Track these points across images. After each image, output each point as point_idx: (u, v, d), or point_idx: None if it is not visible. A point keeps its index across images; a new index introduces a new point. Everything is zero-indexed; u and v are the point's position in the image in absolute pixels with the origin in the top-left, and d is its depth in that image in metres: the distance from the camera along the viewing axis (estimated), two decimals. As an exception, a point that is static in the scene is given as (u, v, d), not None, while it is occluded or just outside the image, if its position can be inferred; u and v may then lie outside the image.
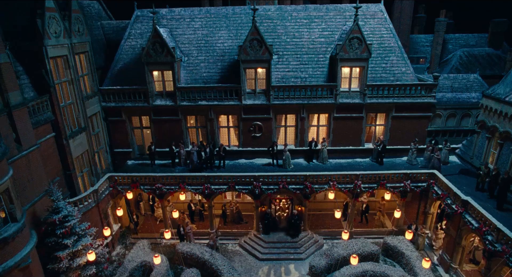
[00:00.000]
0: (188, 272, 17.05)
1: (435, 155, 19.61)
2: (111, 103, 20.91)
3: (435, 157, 19.58)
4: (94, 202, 18.09)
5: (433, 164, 19.68)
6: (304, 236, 20.24)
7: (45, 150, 16.35)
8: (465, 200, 16.41)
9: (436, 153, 19.65)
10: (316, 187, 19.17)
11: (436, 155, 19.59)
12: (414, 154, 20.63)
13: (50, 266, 14.76)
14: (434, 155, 19.64)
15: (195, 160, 20.42)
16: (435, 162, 19.61)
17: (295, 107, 20.80)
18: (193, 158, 20.44)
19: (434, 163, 19.64)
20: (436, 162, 19.60)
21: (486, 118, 19.00)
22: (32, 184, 14.84)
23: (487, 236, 14.80)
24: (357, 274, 16.76)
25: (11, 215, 12.69)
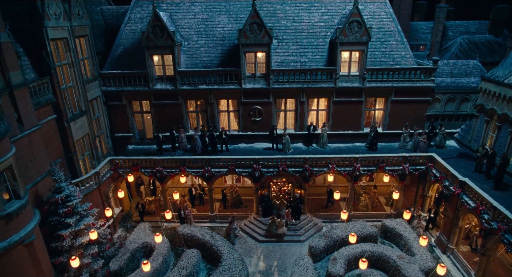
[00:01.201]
0: (189, 252, 17.32)
1: (421, 138, 19.84)
2: (112, 88, 20.99)
3: (421, 140, 19.81)
4: (95, 184, 18.28)
5: (420, 147, 19.87)
6: (304, 219, 20.47)
7: (47, 131, 16.49)
8: (463, 181, 16.59)
9: (422, 136, 19.81)
10: (315, 170, 19.35)
11: (422, 138, 19.79)
12: (406, 138, 20.78)
13: (53, 244, 15.00)
14: (420, 138, 19.83)
15: (199, 145, 20.56)
16: (421, 145, 19.83)
17: (295, 91, 20.88)
18: (196, 143, 20.58)
19: (420, 146, 19.86)
20: (422, 145, 19.88)
21: (485, 101, 19.10)
22: (34, 164, 15.02)
23: (483, 215, 15.01)
24: (355, 254, 17.01)
25: (15, 192, 12.90)
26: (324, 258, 18.11)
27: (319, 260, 17.92)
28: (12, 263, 12.65)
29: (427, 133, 20.68)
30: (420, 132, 20.29)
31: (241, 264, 16.61)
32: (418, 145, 20.04)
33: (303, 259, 16.79)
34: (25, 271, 13.16)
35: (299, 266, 16.22)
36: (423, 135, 19.97)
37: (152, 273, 16.23)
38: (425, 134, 20.13)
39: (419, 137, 20.05)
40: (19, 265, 12.91)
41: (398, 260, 16.40)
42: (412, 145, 20.56)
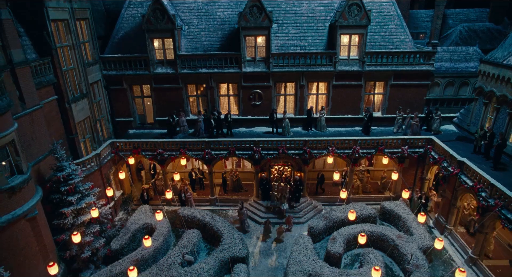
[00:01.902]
0: (189, 232, 17.50)
1: (413, 121, 20.00)
2: (112, 72, 21.07)
3: (413, 123, 19.99)
4: (96, 165, 18.43)
5: (413, 130, 20.03)
6: (304, 201, 20.65)
7: (48, 112, 16.61)
8: (461, 161, 16.74)
9: (414, 119, 19.96)
10: (315, 153, 19.49)
11: (414, 121, 19.95)
12: (399, 122, 20.87)
13: (55, 222, 15.18)
14: (412, 121, 19.96)
15: (202, 129, 20.66)
16: (414, 128, 19.98)
17: (295, 74, 20.97)
18: (200, 127, 20.68)
19: (414, 129, 20.02)
20: (415, 128, 20.06)
21: (483, 84, 19.20)
22: (36, 143, 15.16)
23: (481, 192, 15.17)
24: (354, 234, 17.18)
25: (17, 167, 13.07)
26: (324, 238, 18.29)
27: (318, 240, 18.10)
28: (16, 236, 12.84)
29: (424, 117, 20.79)
30: (412, 116, 20.39)
31: (241, 243, 16.77)
32: (411, 128, 20.16)
33: (302, 238, 16.97)
34: (28, 245, 13.36)
35: (299, 245, 16.39)
36: (416, 118, 20.10)
37: (153, 252, 16.45)
38: (417, 117, 20.21)
39: (411, 120, 20.17)
40: (23, 239, 13.10)
41: (397, 239, 16.60)
42: (405, 128, 20.64)
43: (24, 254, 13.21)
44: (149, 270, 15.14)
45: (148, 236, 13.67)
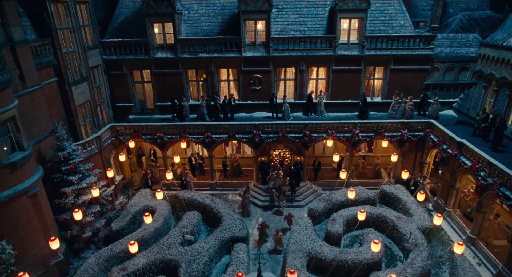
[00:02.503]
0: (190, 214, 17.60)
1: (407, 105, 20.02)
2: (113, 56, 21.09)
3: (407, 107, 20.07)
4: (97, 148, 18.50)
5: (407, 114, 20.17)
6: (303, 185, 20.73)
7: (49, 93, 16.65)
8: (460, 142, 16.79)
9: (409, 103, 20.04)
10: (314, 136, 19.55)
11: (409, 105, 19.99)
12: (395, 107, 20.89)
13: (56, 201, 15.28)
14: (406, 105, 20.00)
15: (205, 114, 20.69)
16: (408, 112, 20.11)
17: (294, 59, 20.98)
18: (203, 111, 20.70)
19: (408, 113, 20.15)
20: (409, 112, 20.16)
21: (483, 67, 19.21)
22: (37, 123, 15.22)
23: (480, 172, 15.23)
24: (354, 215, 17.27)
25: (18, 144, 13.13)
26: (323, 221, 18.38)
27: (318, 223, 18.20)
28: (17, 212, 12.94)
29: (419, 102, 20.83)
30: (406, 100, 20.42)
31: (241, 224, 16.87)
32: (405, 112, 20.21)
33: (302, 219, 17.07)
34: (30, 221, 13.44)
35: (299, 226, 16.49)
36: (410, 102, 20.14)
37: (154, 232, 16.56)
38: (411, 100, 20.27)
39: (405, 104, 20.21)
40: (24, 215, 13.19)
41: (396, 220, 16.70)
42: (399, 112, 20.68)
43: (25, 230, 13.30)
44: (150, 248, 15.24)
45: (149, 213, 13.74)
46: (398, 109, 20.74)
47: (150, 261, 14.52)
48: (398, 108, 20.73)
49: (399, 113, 20.66)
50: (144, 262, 14.44)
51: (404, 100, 20.43)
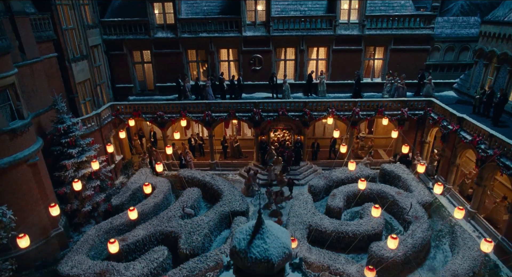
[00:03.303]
0: (190, 190, 17.61)
1: (399, 84, 20.07)
2: (113, 36, 21.04)
3: (399, 86, 20.09)
4: (97, 125, 18.47)
5: (399, 93, 20.19)
6: (304, 165, 20.72)
7: (49, 68, 16.61)
8: (461, 117, 16.77)
9: (401, 82, 20.09)
10: (315, 114, 19.53)
11: (401, 84, 20.05)
12: (388, 87, 20.84)
13: (56, 173, 15.28)
14: (399, 84, 20.05)
15: (210, 94, 20.64)
16: (400, 91, 20.14)
17: (295, 39, 20.93)
18: (208, 91, 20.65)
19: (400, 92, 20.16)
20: (401, 91, 20.17)
21: (484, 45, 19.17)
22: (37, 96, 15.20)
23: (480, 145, 15.21)
24: (354, 192, 17.29)
25: (18, 112, 13.12)
26: (323, 198, 18.36)
27: (318, 200, 18.17)
28: (17, 180, 12.96)
29: (417, 82, 20.78)
30: (398, 79, 20.40)
31: (241, 199, 16.88)
32: (397, 91, 20.21)
33: (302, 195, 17.08)
34: (30, 191, 13.46)
35: (299, 200, 16.50)
36: (402, 80, 20.15)
37: (153, 207, 16.57)
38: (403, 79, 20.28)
39: (398, 83, 20.20)
40: (24, 184, 13.21)
41: (396, 195, 16.69)
42: (392, 91, 20.65)
43: (26, 199, 13.31)
44: (149, 221, 15.26)
45: (148, 184, 13.75)
46: (391, 89, 20.69)
47: (150, 233, 14.53)
48: (391, 88, 20.69)
49: (391, 92, 20.61)
50: (143, 233, 14.46)
51: (396, 80, 20.40)
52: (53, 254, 14.53)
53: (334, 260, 12.89)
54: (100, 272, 12.42)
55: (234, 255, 7.45)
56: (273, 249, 7.09)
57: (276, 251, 7.09)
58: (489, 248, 10.11)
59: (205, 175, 18.88)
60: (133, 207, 12.26)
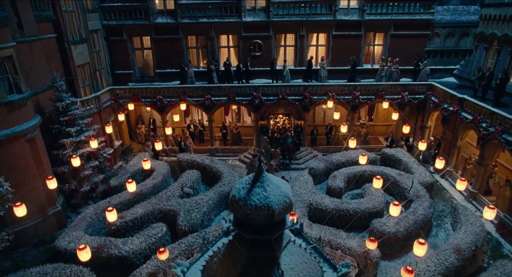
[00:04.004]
0: (189, 172, 17.50)
1: (393, 69, 20.02)
2: (112, 22, 21.00)
3: (393, 71, 20.11)
4: (96, 108, 18.39)
5: (392, 78, 20.15)
6: (304, 150, 20.61)
7: (48, 49, 16.54)
8: (462, 97, 16.71)
9: (394, 66, 20.04)
10: (315, 98, 19.46)
11: (394, 68, 20.00)
12: (381, 72, 20.79)
13: (54, 152, 15.16)
14: (392, 69, 19.95)
15: (215, 79, 20.58)
16: (394, 75, 20.13)
17: (295, 24, 20.90)
18: (213, 77, 20.57)
19: (393, 76, 20.15)
20: (394, 76, 20.18)
21: (485, 28, 19.14)
22: (36, 74, 15.13)
23: (481, 124, 15.11)
24: (355, 173, 17.17)
25: (16, 86, 13.04)
26: (324, 181, 18.21)
27: (318, 183, 18.02)
28: (15, 155, 12.89)
29: (413, 68, 20.72)
30: (391, 64, 20.41)
31: (241, 181, 16.71)
32: (391, 76, 20.17)
33: (303, 176, 16.96)
34: (28, 167, 13.35)
35: (299, 181, 16.39)
36: (395, 64, 20.11)
37: (152, 187, 16.43)
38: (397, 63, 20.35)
39: (391, 68, 20.17)
40: (22, 159, 13.12)
41: (397, 176, 16.56)
42: (386, 77, 20.59)
43: (23, 174, 13.20)
44: (148, 200, 15.12)
45: (147, 159, 13.63)
46: (386, 75, 20.63)
47: (148, 211, 14.38)
48: (386, 74, 20.63)
49: (386, 78, 20.57)
50: (142, 211, 14.31)
51: (390, 65, 20.39)
52: (51, 232, 14.37)
53: (335, 235, 12.72)
54: (97, 246, 12.26)
55: (233, 204, 7.30)
56: (273, 197, 6.96)
57: (277, 199, 6.96)
58: (492, 215, 10.03)
59: (205, 158, 18.78)
60: (131, 180, 12.13)
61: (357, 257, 12.00)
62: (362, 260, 11.95)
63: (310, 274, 7.94)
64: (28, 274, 11.19)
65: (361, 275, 12.11)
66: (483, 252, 13.17)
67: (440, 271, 11.01)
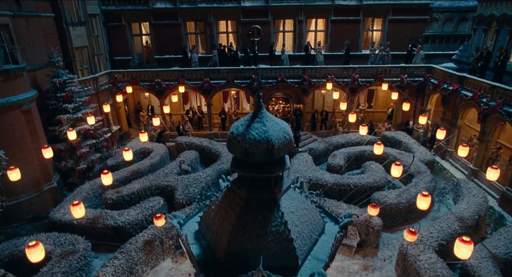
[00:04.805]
0: (187, 152, 17.30)
1: (384, 52, 20.14)
2: (111, 7, 21.03)
3: (384, 54, 20.20)
4: (93, 90, 18.24)
5: (383, 61, 20.26)
6: (303, 134, 20.44)
7: (46, 28, 16.45)
8: (461, 75, 16.66)
9: (385, 50, 20.17)
10: (314, 81, 19.37)
11: (385, 52, 20.13)
12: (371, 58, 20.81)
13: (51, 128, 14.96)
14: (383, 52, 20.07)
15: (217, 63, 20.51)
16: (385, 59, 20.22)
17: (293, 9, 20.95)
18: (216, 61, 20.52)
19: (384, 59, 20.25)
20: (386, 59, 20.26)
21: (483, 10, 19.15)
22: (33, 50, 14.97)
23: (482, 99, 15.01)
24: (355, 153, 17.01)
25: (13, 56, 12.93)
26: (323, 163, 18.02)
27: (318, 164, 17.82)
28: (11, 125, 12.73)
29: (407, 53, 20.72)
30: (382, 48, 20.49)
31: (240, 160, 16.51)
32: (382, 59, 20.24)
33: (302, 155, 16.77)
34: (23, 139, 13.15)
35: (299, 159, 16.18)
36: (387, 48, 20.22)
37: (150, 166, 16.20)
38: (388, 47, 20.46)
39: (383, 52, 20.26)
40: (18, 131, 12.94)
41: (398, 155, 16.38)
42: (378, 61, 20.59)
43: (18, 146, 12.98)
44: (145, 177, 14.90)
45: (144, 132, 13.46)
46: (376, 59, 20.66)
47: (145, 186, 14.14)
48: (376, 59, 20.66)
49: (376, 62, 20.58)
50: (139, 187, 14.07)
51: (381, 48, 20.46)
52: (46, 208, 14.04)
53: (336, 206, 12.51)
54: (93, 217, 12.00)
55: (231, 141, 7.13)
56: (272, 132, 6.79)
57: (276, 133, 6.79)
58: (496, 175, 9.86)
59: (203, 140, 18.60)
60: (128, 148, 11.94)
61: (358, 226, 11.77)
62: (364, 229, 11.73)
63: (312, 221, 7.73)
64: (21, 241, 10.93)
65: (363, 245, 11.87)
66: (486, 224, 12.96)
67: (443, 237, 10.78)
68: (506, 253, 10.03)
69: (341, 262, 11.42)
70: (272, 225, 6.87)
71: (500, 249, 10.15)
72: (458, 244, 7.47)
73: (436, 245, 10.48)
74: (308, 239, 7.28)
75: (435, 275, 9.25)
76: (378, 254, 11.75)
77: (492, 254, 9.96)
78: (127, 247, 10.53)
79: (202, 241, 7.81)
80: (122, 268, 9.85)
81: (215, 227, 7.39)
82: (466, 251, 7.64)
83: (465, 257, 7.74)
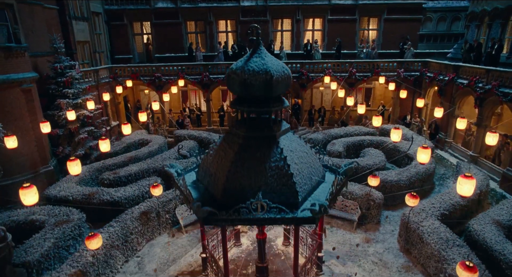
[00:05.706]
0: (186, 141, 17.26)
1: (370, 49, 20.75)
2: (114, 6, 21.59)
3: (370, 51, 20.76)
4: (94, 81, 18.40)
5: (370, 56, 20.78)
6: (301, 129, 20.47)
7: (49, 19, 16.80)
8: (456, 65, 16.93)
9: (372, 46, 20.73)
10: (312, 75, 19.63)
11: (372, 48, 20.64)
12: (360, 55, 21.19)
13: (50, 112, 14.96)
14: (370, 49, 20.79)
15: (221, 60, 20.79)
16: (372, 54, 20.72)
17: (291, 8, 21.55)
18: (220, 58, 20.84)
19: (371, 55, 20.73)
20: (374, 53, 20.77)
21: (475, 7, 19.76)
22: (35, 36, 15.22)
23: (478, 84, 15.19)
24: (354, 142, 16.98)
25: (15, 36, 13.14)
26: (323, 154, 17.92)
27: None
28: (10, 103, 12.77)
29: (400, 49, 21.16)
30: (369, 44, 21.09)
31: (239, 148, 16.44)
32: (369, 55, 20.77)
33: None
34: (22, 118, 13.17)
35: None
36: (373, 44, 20.86)
37: (148, 153, 16.08)
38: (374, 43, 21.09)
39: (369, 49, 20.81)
40: (17, 109, 12.97)
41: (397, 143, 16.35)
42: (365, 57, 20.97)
43: (17, 124, 12.92)
44: (143, 161, 14.77)
45: (143, 111, 13.45)
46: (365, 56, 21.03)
47: (143, 169, 13.98)
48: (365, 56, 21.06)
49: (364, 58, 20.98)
50: (136, 169, 13.91)
51: (368, 45, 21.00)
52: (41, 191, 13.81)
53: (335, 183, 12.34)
54: (89, 194, 11.80)
55: (230, 76, 7.22)
56: (271, 65, 6.88)
57: (275, 67, 6.87)
58: (495, 140, 9.85)
59: (202, 132, 18.60)
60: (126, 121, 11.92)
61: (359, 200, 11.60)
62: (365, 203, 11.55)
63: (311, 164, 7.65)
64: (15, 213, 10.70)
65: (364, 220, 11.64)
66: (488, 203, 12.79)
67: (445, 208, 10.61)
68: (510, 220, 9.86)
69: (342, 236, 11.16)
70: (271, 161, 6.81)
71: (503, 216, 9.98)
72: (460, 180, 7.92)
73: (439, 214, 10.31)
74: (308, 179, 7.18)
75: (438, 238, 9.03)
76: (380, 229, 11.51)
77: (495, 220, 9.77)
78: (123, 217, 10.30)
79: (200, 188, 7.68)
80: (116, 234, 9.59)
81: (213, 169, 7.30)
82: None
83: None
